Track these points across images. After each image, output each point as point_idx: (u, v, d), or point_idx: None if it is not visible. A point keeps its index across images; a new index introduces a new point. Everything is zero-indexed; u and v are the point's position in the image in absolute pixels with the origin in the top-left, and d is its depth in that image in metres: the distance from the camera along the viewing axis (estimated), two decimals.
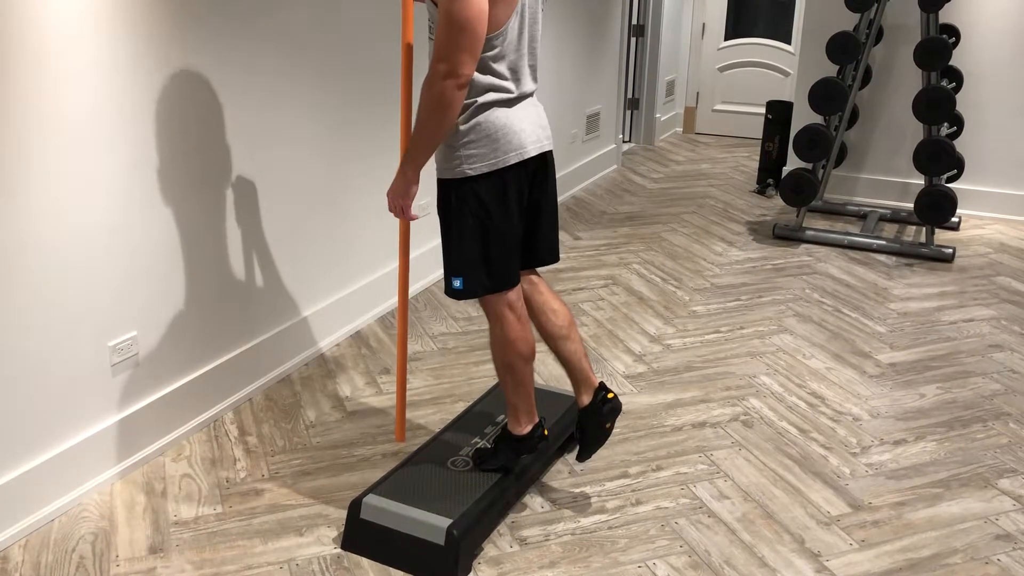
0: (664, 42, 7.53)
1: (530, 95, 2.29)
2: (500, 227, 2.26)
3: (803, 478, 2.77)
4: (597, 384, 2.51)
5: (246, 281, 3.14)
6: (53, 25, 2.29)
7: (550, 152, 2.36)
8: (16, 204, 2.27)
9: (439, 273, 4.35)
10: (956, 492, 2.71)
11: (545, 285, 2.51)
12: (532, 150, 2.26)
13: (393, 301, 4.01)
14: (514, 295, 2.35)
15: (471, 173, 2.20)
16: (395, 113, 3.83)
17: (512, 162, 2.21)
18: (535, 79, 2.30)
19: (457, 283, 2.31)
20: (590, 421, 2.50)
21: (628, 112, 7.62)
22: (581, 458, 2.56)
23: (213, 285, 2.99)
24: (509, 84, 2.20)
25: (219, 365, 3.05)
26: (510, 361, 2.39)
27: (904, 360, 3.62)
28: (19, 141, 2.25)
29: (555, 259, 2.51)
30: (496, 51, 2.14)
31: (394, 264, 3.98)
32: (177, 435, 2.91)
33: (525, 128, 2.24)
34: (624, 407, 3.18)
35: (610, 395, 2.50)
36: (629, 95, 7.54)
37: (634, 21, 7.27)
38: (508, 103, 2.21)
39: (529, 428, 2.49)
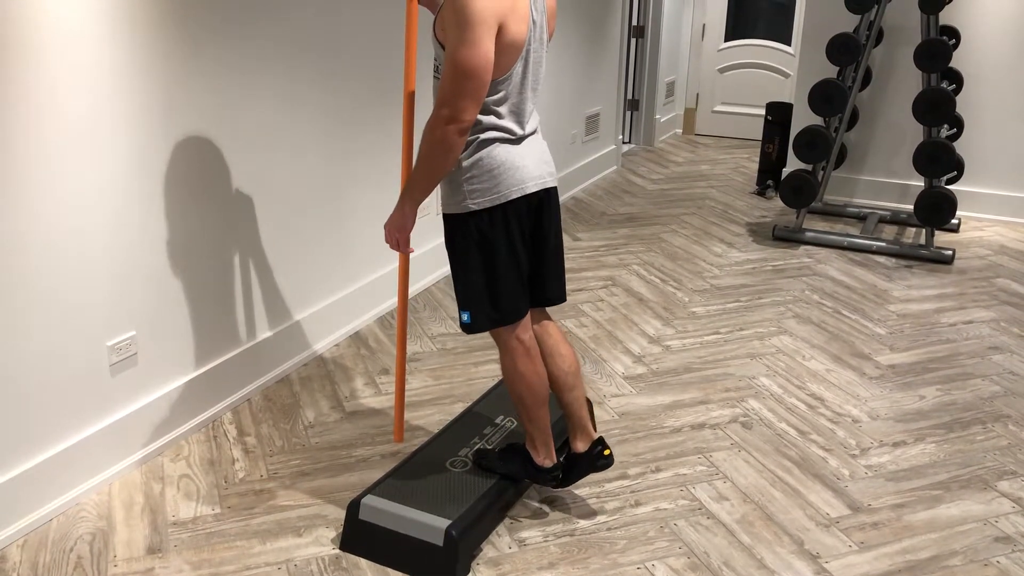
0: (664, 43, 7.53)
1: (532, 134, 2.31)
2: (504, 260, 2.27)
3: (802, 480, 2.77)
4: (595, 437, 2.51)
5: (245, 281, 3.13)
6: (54, 24, 2.29)
7: (554, 188, 2.37)
8: (15, 204, 2.27)
9: (439, 273, 4.35)
10: (955, 494, 2.71)
11: (555, 327, 2.51)
12: (533, 186, 2.27)
13: (392, 301, 4.01)
14: (522, 328, 2.36)
15: (474, 207, 2.22)
16: (394, 114, 3.83)
17: (514, 196, 2.23)
18: (534, 116, 2.32)
19: (465, 317, 2.34)
20: (579, 467, 2.52)
21: (628, 113, 7.62)
22: (560, 486, 2.57)
23: (212, 285, 2.98)
24: (511, 125, 2.22)
25: (218, 365, 3.05)
26: (520, 394, 2.40)
27: (903, 362, 3.62)
28: (18, 140, 2.25)
29: (562, 298, 2.51)
30: (500, 95, 2.16)
31: (393, 265, 3.98)
32: (176, 435, 2.90)
33: (527, 164, 2.25)
34: (623, 408, 3.18)
35: (606, 452, 2.50)
36: (629, 96, 7.54)
37: (634, 22, 7.27)
38: (510, 141, 2.23)
39: (548, 464, 2.50)
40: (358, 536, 2.38)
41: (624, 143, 7.47)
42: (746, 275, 4.60)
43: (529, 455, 2.50)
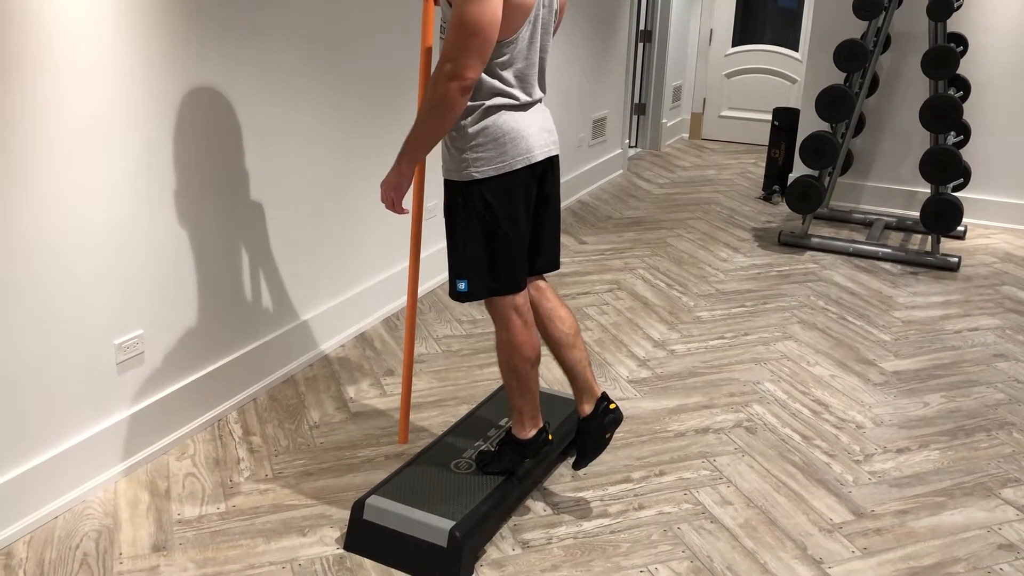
0: (671, 48, 7.54)
1: (537, 102, 2.30)
2: (506, 230, 2.26)
3: (806, 485, 2.77)
4: (600, 394, 2.51)
5: (252, 281, 3.14)
6: (65, 25, 2.30)
7: (556, 157, 2.38)
8: (24, 202, 2.29)
9: (444, 276, 4.35)
10: (959, 501, 2.71)
11: (552, 291, 2.51)
12: (539, 154, 2.27)
13: (398, 303, 4.02)
14: (520, 299, 2.35)
15: (478, 176, 2.21)
16: (403, 113, 3.84)
17: (519, 166, 2.22)
18: (543, 88, 2.31)
19: (462, 285, 2.32)
20: (590, 430, 2.50)
21: (635, 117, 7.63)
22: (578, 466, 2.56)
23: (219, 285, 3.00)
24: (516, 91, 2.21)
25: (224, 365, 3.06)
26: (516, 365, 2.39)
27: (908, 368, 3.61)
28: (29, 140, 2.26)
29: (557, 265, 2.52)
30: (505, 58, 2.15)
31: (400, 266, 3.99)
32: (181, 434, 2.92)
33: (532, 132, 2.25)
34: (628, 412, 3.19)
35: (612, 406, 2.50)
36: (636, 100, 7.55)
37: (642, 27, 7.29)
38: (515, 108, 2.22)
39: (534, 432, 2.49)
40: (362, 536, 2.39)
41: (631, 147, 7.48)
42: (751, 280, 4.60)
43: (516, 439, 2.49)
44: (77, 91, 2.37)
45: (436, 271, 4.30)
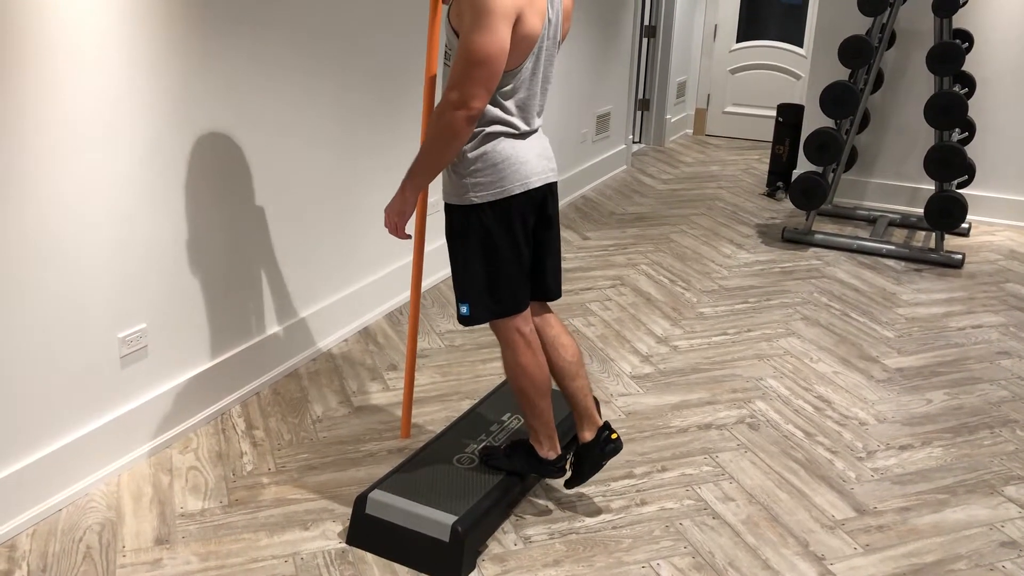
0: (676, 43, 7.52)
1: (536, 131, 2.32)
2: (505, 254, 2.28)
3: (808, 481, 2.77)
4: (601, 423, 2.52)
5: (255, 275, 3.15)
6: (71, 20, 2.30)
7: (555, 183, 2.39)
8: (28, 196, 2.29)
9: (447, 271, 4.35)
10: (962, 498, 2.71)
11: (556, 319, 2.52)
12: (536, 182, 2.28)
13: (401, 298, 4.02)
14: (522, 320, 2.37)
15: (476, 201, 2.23)
16: (406, 109, 3.84)
17: (516, 192, 2.24)
18: (541, 115, 2.33)
19: (464, 309, 2.35)
20: (588, 457, 2.51)
21: (639, 113, 7.62)
22: (570, 486, 2.57)
23: (223, 279, 3.00)
24: (516, 120, 2.23)
25: (227, 359, 3.07)
26: (522, 387, 2.41)
27: (911, 365, 3.61)
28: (33, 135, 2.27)
29: (560, 294, 2.53)
30: (509, 87, 2.17)
31: (402, 261, 3.99)
32: (184, 428, 2.92)
33: (530, 159, 2.26)
34: (630, 407, 3.19)
35: (613, 436, 2.50)
36: (640, 96, 7.54)
37: (646, 22, 7.27)
38: (514, 136, 2.24)
39: (552, 456, 2.51)
40: (364, 530, 2.40)
41: (634, 143, 7.47)
42: (755, 276, 4.59)
43: (533, 449, 2.51)
44: (80, 88, 2.37)
45: (439, 266, 4.30)
